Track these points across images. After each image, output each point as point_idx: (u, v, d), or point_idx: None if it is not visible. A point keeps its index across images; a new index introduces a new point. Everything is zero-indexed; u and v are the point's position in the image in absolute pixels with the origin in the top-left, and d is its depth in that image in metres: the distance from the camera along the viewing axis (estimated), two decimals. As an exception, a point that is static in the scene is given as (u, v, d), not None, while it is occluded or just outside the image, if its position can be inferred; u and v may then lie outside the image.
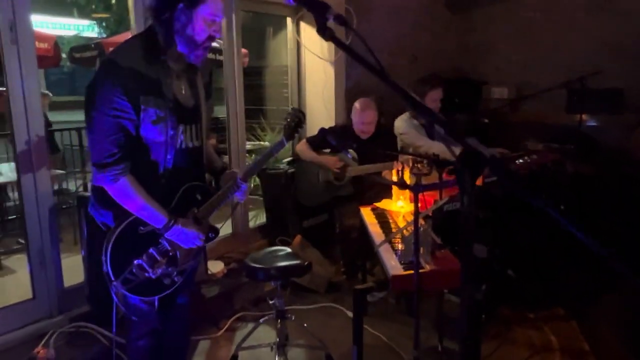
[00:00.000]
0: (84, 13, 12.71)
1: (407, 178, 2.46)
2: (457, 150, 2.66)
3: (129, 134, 1.67)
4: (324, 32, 1.03)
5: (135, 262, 1.76)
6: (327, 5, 1.03)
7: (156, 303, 1.92)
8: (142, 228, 1.77)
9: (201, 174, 2.00)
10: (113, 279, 1.74)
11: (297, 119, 1.98)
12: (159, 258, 1.80)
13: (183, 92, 1.82)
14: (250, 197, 4.73)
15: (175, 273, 1.86)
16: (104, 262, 1.75)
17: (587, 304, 3.09)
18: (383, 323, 3.07)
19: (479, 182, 2.90)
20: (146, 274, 1.77)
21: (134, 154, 1.71)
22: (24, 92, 2.54)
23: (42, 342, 2.57)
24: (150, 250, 1.79)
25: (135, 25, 2.96)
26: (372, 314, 3.19)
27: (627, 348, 2.73)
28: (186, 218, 1.83)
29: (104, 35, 13.36)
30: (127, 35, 3.69)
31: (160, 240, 1.81)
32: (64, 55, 7.22)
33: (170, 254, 1.84)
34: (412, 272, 1.93)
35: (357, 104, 3.61)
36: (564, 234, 3.43)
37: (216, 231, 2.00)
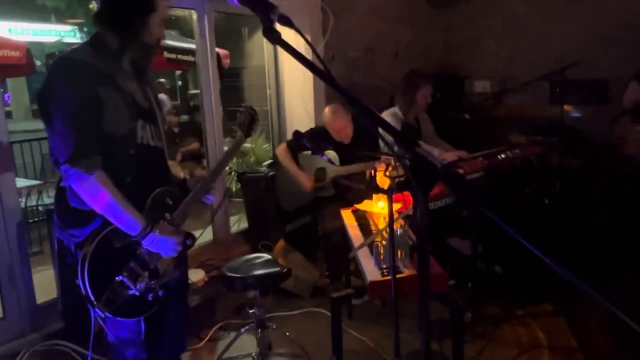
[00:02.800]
0: (62, 19, 12.53)
1: (382, 179, 2.39)
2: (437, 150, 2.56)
3: (94, 126, 1.60)
4: (270, 34, 0.96)
5: (117, 279, 1.63)
6: (271, 5, 0.96)
7: (143, 326, 1.83)
8: (117, 241, 1.65)
9: (167, 177, 1.92)
10: (94, 301, 1.60)
11: (250, 115, 1.99)
12: (140, 272, 1.69)
13: (137, 92, 1.79)
14: (233, 200, 4.65)
15: (158, 286, 1.75)
16: (81, 286, 1.62)
17: (575, 300, 3.05)
18: (368, 326, 3.01)
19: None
20: (129, 291, 1.65)
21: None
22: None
23: (15, 362, 2.48)
24: (130, 264, 1.68)
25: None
26: (358, 318, 3.13)
27: (615, 344, 2.69)
28: (161, 224, 1.73)
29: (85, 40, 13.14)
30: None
31: (137, 252, 1.70)
32: (39, 63, 7.08)
33: (151, 266, 1.73)
34: (390, 277, 1.87)
35: (327, 110, 3.52)
36: (548, 230, 3.39)
37: (192, 237, 1.90)
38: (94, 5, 11.41)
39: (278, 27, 0.99)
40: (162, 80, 6.39)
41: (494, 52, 5.33)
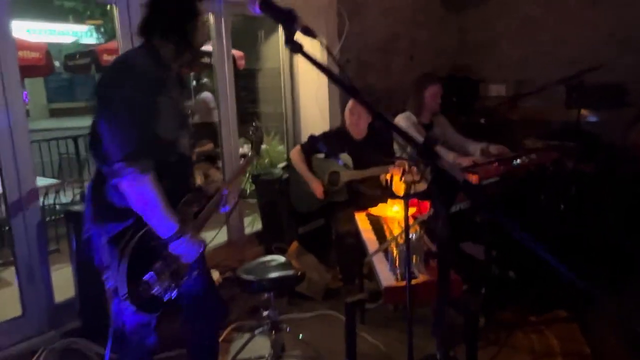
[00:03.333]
0: (80, 19, 12.72)
1: (397, 185, 2.39)
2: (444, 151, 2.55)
3: (150, 131, 1.67)
4: (293, 45, 0.97)
5: (146, 277, 1.70)
6: (294, 15, 0.97)
7: (153, 322, 1.89)
8: (152, 241, 1.72)
9: (192, 185, 1.98)
10: (124, 295, 1.67)
11: (260, 134, 2.10)
12: (164, 272, 1.74)
13: (180, 101, 1.86)
14: (246, 201, 4.68)
15: (174, 287, 1.80)
16: (112, 278, 1.70)
17: (589, 307, 3.02)
18: (381, 331, 3.01)
19: (476, 181, 2.85)
20: (153, 289, 1.71)
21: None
22: (7, 103, 2.49)
23: (33, 359, 2.53)
24: (157, 264, 1.74)
25: (121, 34, 2.92)
26: (371, 322, 3.13)
27: (629, 351, 2.67)
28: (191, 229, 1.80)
29: (102, 41, 13.36)
30: (115, 43, 3.64)
31: (163, 254, 1.76)
32: (57, 64, 7.19)
33: (172, 268, 1.78)
34: (405, 283, 1.87)
35: (349, 103, 3.55)
36: (563, 236, 3.37)
37: (204, 244, 1.95)
38: (110, 7, 11.59)
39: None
40: (205, 80, 6.43)
41: (508, 55, 5.29)
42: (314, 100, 4.29)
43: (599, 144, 4.34)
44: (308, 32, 0.97)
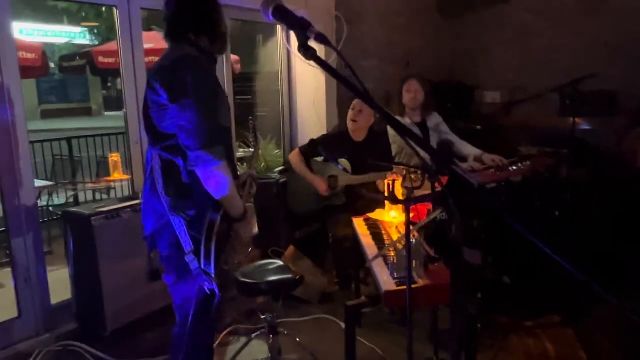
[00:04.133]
0: (75, 21, 12.67)
1: (398, 190, 2.41)
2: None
3: (217, 118, 1.78)
4: (306, 51, 0.99)
5: (224, 256, 1.89)
6: (307, 23, 0.99)
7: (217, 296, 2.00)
8: (225, 224, 1.85)
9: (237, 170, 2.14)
10: (213, 272, 1.80)
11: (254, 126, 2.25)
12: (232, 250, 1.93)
13: None
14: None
15: (235, 266, 2.06)
16: (202, 261, 1.79)
17: (584, 311, 3.06)
18: (378, 334, 3.02)
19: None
20: (226, 267, 1.91)
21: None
22: (8, 102, 2.48)
23: (29, 362, 2.51)
24: (228, 246, 1.91)
25: (121, 36, 2.92)
26: (367, 325, 3.14)
27: (624, 356, 2.70)
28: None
29: (96, 43, 13.31)
30: (114, 44, 3.63)
31: (230, 233, 1.92)
32: (52, 65, 7.16)
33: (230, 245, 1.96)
34: (404, 287, 1.89)
35: (354, 102, 3.59)
36: (558, 242, 3.40)
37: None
38: (104, 8, 11.53)
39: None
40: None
41: (503, 62, 5.35)
42: (311, 105, 4.31)
43: (592, 151, 4.40)
44: (322, 39, 0.98)
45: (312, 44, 1.03)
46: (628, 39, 4.59)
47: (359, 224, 2.86)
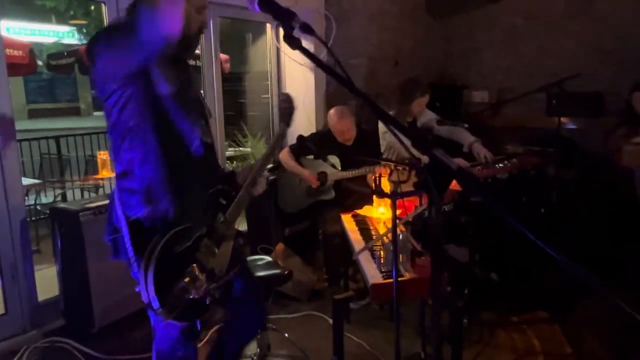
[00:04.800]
0: (63, 19, 12.57)
1: (385, 185, 2.44)
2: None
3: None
4: (291, 40, 1.01)
5: (179, 284, 1.58)
6: (292, 13, 1.01)
7: (198, 325, 1.82)
8: (177, 247, 1.60)
9: (218, 175, 1.87)
10: (158, 307, 1.54)
11: (289, 103, 1.89)
12: (199, 275, 1.63)
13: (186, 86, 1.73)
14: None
15: (216, 289, 1.69)
16: (143, 292, 1.56)
17: (570, 307, 3.10)
18: (366, 330, 3.04)
19: (457, 187, 2.91)
20: (190, 296, 1.60)
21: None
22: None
23: (15, 358, 2.49)
24: (189, 268, 1.62)
25: (110, 32, 2.91)
26: (355, 321, 3.16)
27: (609, 351, 2.74)
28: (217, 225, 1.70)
29: (84, 42, 13.20)
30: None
31: (196, 256, 1.65)
32: (40, 63, 7.11)
33: (208, 268, 1.68)
34: (391, 280, 1.91)
35: (332, 112, 3.59)
36: (546, 239, 3.44)
37: (244, 236, 1.88)
38: (93, 6, 11.46)
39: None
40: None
41: (492, 63, 5.41)
42: (300, 104, 4.31)
43: (578, 151, 4.47)
44: (307, 29, 1.00)
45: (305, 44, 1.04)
46: (615, 42, 4.67)
47: (347, 220, 2.88)
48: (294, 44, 1.00)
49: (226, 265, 1.76)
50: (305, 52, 1.00)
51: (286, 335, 2.78)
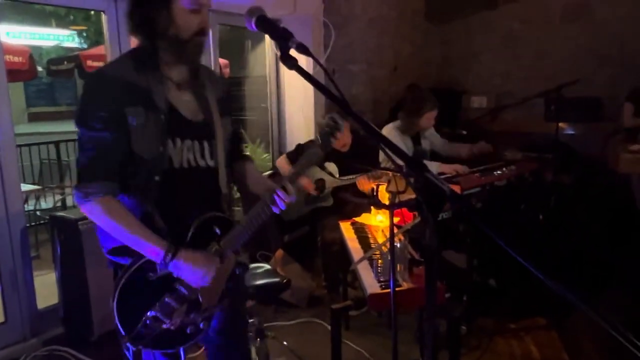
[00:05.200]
0: (63, 23, 12.59)
1: (383, 195, 2.45)
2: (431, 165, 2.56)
3: (111, 150, 1.45)
4: (287, 60, 1.02)
5: (149, 313, 1.48)
6: (289, 33, 1.02)
7: (182, 355, 1.68)
8: (151, 274, 1.50)
9: (217, 201, 1.67)
10: (124, 334, 1.46)
11: (332, 125, 1.69)
12: (176, 306, 1.51)
13: (187, 104, 1.58)
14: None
15: (200, 319, 1.58)
16: (112, 314, 1.49)
17: (567, 315, 3.11)
18: (365, 337, 3.05)
19: (458, 192, 2.93)
20: (163, 325, 1.50)
21: (126, 175, 1.49)
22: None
23: (15, 367, 2.51)
24: (165, 298, 1.50)
25: (109, 41, 2.93)
26: (354, 328, 3.17)
27: (606, 357, 2.75)
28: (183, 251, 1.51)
29: (85, 46, 13.23)
30: (102, 48, 3.64)
31: (176, 286, 1.52)
32: (40, 69, 7.13)
33: (191, 297, 1.54)
34: (389, 290, 1.92)
35: None
36: (542, 245, 3.46)
37: (244, 266, 1.71)
38: (93, 11, 11.48)
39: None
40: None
41: (490, 68, 5.43)
42: (299, 109, 4.34)
43: (576, 156, 4.48)
44: (303, 49, 1.01)
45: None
46: (613, 47, 4.69)
47: (345, 227, 2.89)
48: (290, 64, 1.01)
49: (217, 296, 1.62)
50: (301, 71, 1.01)
51: (285, 343, 2.79)
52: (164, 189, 1.52)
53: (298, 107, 4.35)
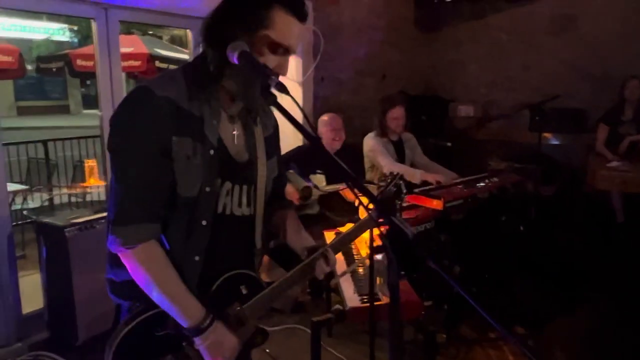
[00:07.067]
0: (53, 17, 12.51)
1: (363, 211, 2.49)
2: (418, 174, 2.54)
3: (156, 186, 1.22)
4: (267, 96, 1.07)
5: None
6: (270, 71, 1.07)
7: None
8: (159, 329, 1.28)
9: (250, 256, 1.47)
10: None
11: (395, 187, 1.56)
12: None
13: (235, 140, 1.34)
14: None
15: None
16: None
17: (543, 325, 3.19)
18: (347, 345, 3.10)
19: (439, 206, 2.99)
20: None
21: (164, 215, 1.26)
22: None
23: (-1, 371, 2.53)
24: (168, 357, 1.29)
25: (99, 49, 2.95)
26: (337, 335, 3.21)
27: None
28: (225, 319, 1.31)
29: (75, 41, 13.14)
30: (92, 47, 3.64)
31: (184, 346, 1.30)
32: (29, 67, 7.11)
33: None
34: (368, 305, 1.97)
35: (324, 116, 3.68)
36: (522, 256, 3.54)
37: (264, 334, 1.47)
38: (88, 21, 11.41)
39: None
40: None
41: (477, 77, 5.52)
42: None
43: (559, 167, 4.58)
44: (281, 88, 1.06)
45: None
46: (596, 61, 4.79)
47: (329, 238, 2.94)
48: (270, 100, 1.06)
49: None
50: (279, 108, 1.06)
51: (267, 351, 2.83)
52: (213, 236, 1.32)
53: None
